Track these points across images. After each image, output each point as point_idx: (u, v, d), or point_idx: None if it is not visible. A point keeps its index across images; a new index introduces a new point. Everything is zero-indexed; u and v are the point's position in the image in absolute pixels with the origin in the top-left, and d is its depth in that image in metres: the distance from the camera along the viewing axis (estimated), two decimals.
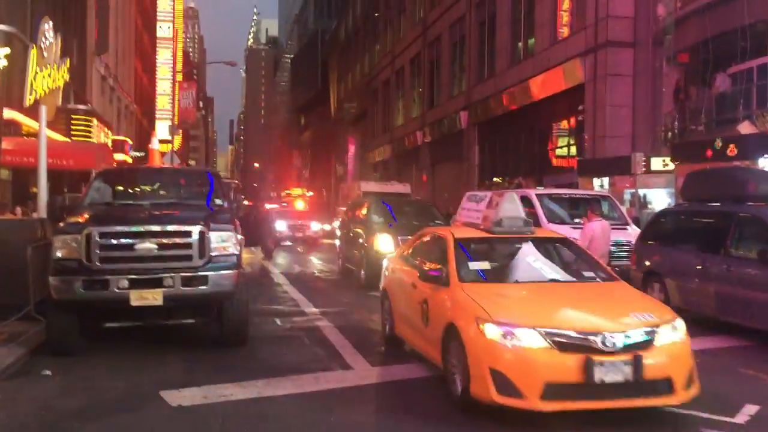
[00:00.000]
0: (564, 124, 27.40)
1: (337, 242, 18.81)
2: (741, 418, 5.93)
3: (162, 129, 45.36)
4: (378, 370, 7.50)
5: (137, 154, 34.34)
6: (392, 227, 14.63)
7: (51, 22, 12.14)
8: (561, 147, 27.76)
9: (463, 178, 34.84)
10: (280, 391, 6.59)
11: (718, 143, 16.34)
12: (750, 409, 6.13)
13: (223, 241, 7.89)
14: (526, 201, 14.98)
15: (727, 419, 5.88)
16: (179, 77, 55.93)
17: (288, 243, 28.30)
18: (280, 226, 28.60)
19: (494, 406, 5.50)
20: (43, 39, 11.78)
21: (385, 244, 13.82)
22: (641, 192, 20.56)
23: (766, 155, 15.89)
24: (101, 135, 26.84)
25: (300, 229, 29.23)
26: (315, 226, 30.34)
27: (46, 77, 11.72)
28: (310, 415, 5.95)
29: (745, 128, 16.68)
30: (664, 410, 6.05)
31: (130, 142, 34.15)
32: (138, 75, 45.96)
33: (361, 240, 15.09)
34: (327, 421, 5.82)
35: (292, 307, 11.90)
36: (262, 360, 7.87)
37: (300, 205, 39.06)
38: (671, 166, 19.39)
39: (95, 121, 25.59)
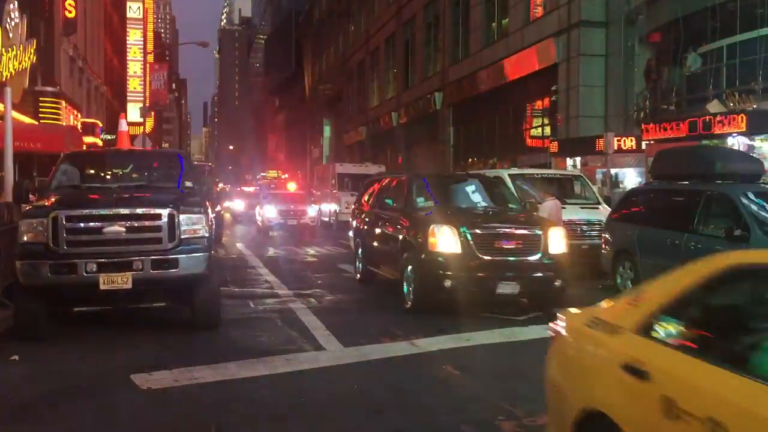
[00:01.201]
0: (538, 104, 27.52)
1: (351, 235, 13.63)
2: None
3: (133, 111, 44.75)
4: (351, 351, 7.51)
5: (108, 136, 33.87)
6: (454, 216, 9.83)
7: (16, 2, 11.89)
8: (535, 127, 27.90)
9: (438, 159, 34.89)
10: (251, 372, 6.58)
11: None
12: None
13: (194, 224, 7.82)
14: (499, 181, 15.09)
15: None
16: (150, 58, 55.10)
17: (276, 232, 24.88)
18: (269, 212, 25.49)
19: None
20: (8, 20, 11.57)
21: (446, 241, 9.15)
22: (613, 171, 20.75)
23: (734, 134, 16.09)
24: (70, 117, 26.46)
25: (293, 215, 25.29)
26: (312, 212, 26.32)
27: (12, 58, 11.50)
28: (283, 396, 5.95)
29: (714, 107, 16.87)
30: None
31: (101, 124, 33.68)
32: (108, 56, 45.21)
33: (401, 236, 10.18)
34: (299, 402, 5.83)
35: (266, 290, 11.86)
36: (234, 342, 7.85)
37: (292, 187, 34.24)
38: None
39: (64, 103, 25.23)
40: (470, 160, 32.07)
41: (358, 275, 12.62)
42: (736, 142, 16.26)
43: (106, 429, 5.29)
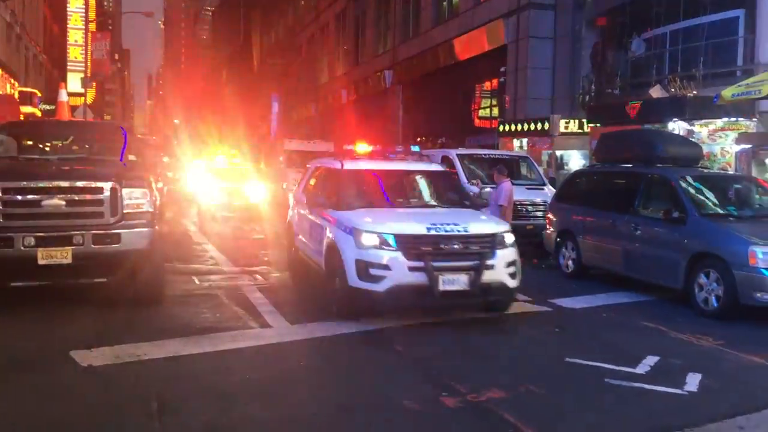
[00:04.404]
0: (487, 85, 27.72)
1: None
2: (642, 368, 6.27)
3: (74, 81, 43.32)
4: (296, 328, 7.50)
5: (47, 107, 32.73)
6: None
7: None
8: (484, 108, 28.12)
9: (387, 137, 34.85)
10: (195, 349, 6.50)
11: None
12: (651, 360, 6.49)
13: (137, 198, 7.65)
14: (447, 161, 15.18)
15: (630, 369, 6.20)
16: (92, 27, 53.34)
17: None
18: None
19: None
20: None
21: None
22: (558, 153, 21.09)
23: (675, 119, 16.51)
24: (7, 86, 25.50)
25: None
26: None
27: None
28: (226, 372, 5.91)
29: (656, 92, 17.25)
30: (570, 362, 6.34)
31: (39, 94, 32.50)
32: (48, 23, 43.61)
33: None
34: (243, 378, 5.80)
35: (212, 266, 11.71)
36: (178, 319, 7.73)
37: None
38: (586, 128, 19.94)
39: (0, 71, 24.25)
40: (419, 139, 32.13)
41: None
42: (677, 127, 16.68)
43: (44, 406, 5.15)
